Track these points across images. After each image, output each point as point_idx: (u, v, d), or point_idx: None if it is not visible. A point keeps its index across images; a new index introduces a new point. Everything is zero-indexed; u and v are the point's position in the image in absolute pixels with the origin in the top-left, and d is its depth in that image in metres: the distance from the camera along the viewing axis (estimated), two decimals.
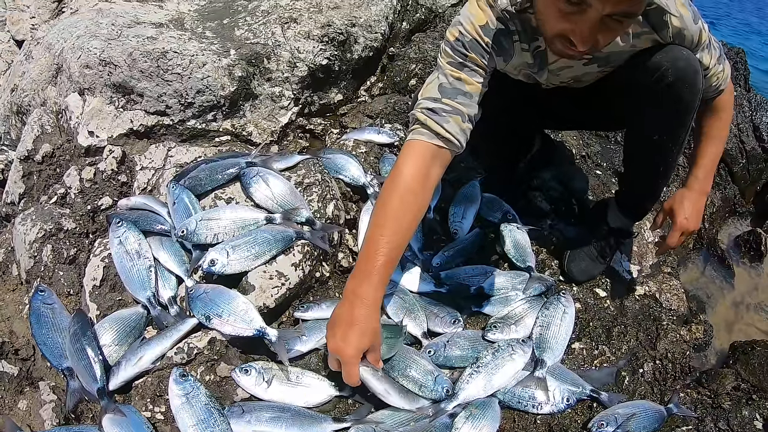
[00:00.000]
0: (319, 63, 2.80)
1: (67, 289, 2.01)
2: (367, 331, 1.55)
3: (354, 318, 1.53)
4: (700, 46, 1.69)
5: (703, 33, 1.67)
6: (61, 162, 2.51)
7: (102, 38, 2.54)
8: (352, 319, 1.53)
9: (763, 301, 2.98)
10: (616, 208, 2.22)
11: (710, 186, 2.14)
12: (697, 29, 1.65)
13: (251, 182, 2.03)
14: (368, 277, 1.56)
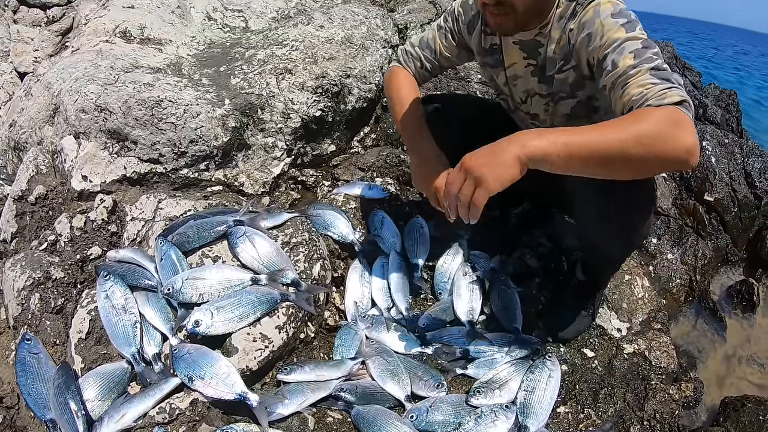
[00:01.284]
0: (313, 114, 2.82)
1: (53, 339, 2.01)
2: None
3: (439, 163, 1.87)
4: (616, 41, 1.54)
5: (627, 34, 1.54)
6: (53, 205, 2.51)
7: (99, 82, 2.56)
8: (437, 166, 1.86)
9: (755, 353, 2.97)
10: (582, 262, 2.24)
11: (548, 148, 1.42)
12: (615, 24, 1.56)
13: (238, 242, 2.04)
14: (422, 138, 1.98)
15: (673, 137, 1.31)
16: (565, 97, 1.86)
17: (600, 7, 1.60)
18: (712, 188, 3.47)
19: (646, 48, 1.49)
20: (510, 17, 1.67)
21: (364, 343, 1.99)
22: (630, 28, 1.53)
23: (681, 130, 1.32)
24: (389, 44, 3.35)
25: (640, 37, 1.52)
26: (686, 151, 1.31)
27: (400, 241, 2.39)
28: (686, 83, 4.33)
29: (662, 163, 1.37)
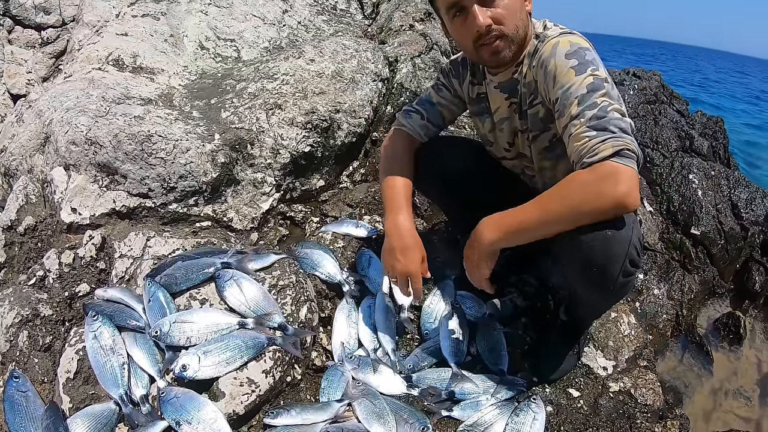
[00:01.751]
0: (302, 150, 2.85)
1: (41, 377, 2.01)
2: (418, 248, 2.01)
3: (405, 243, 1.99)
4: (565, 86, 1.62)
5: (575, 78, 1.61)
6: (42, 236, 2.51)
7: (90, 114, 2.58)
8: (404, 245, 1.99)
9: (742, 386, 2.99)
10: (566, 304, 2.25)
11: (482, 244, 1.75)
12: (566, 67, 1.63)
13: (225, 286, 2.06)
14: (400, 210, 2.05)
15: (598, 195, 1.48)
16: (541, 131, 1.92)
17: (557, 47, 1.68)
18: (699, 222, 3.50)
19: (593, 92, 1.56)
20: (504, 42, 1.76)
21: (350, 385, 2.00)
22: (580, 70, 1.60)
23: (608, 184, 1.46)
24: (379, 77, 3.38)
25: (589, 80, 1.58)
26: (615, 203, 1.47)
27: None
28: (672, 113, 4.37)
29: (596, 217, 1.53)
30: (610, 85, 1.61)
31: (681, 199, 3.62)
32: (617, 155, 1.46)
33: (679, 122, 4.30)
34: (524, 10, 1.78)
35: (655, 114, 4.30)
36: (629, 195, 1.46)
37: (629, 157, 1.47)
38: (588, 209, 1.50)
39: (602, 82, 1.58)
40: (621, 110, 1.56)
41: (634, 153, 1.49)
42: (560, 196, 1.55)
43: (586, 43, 1.69)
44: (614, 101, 1.56)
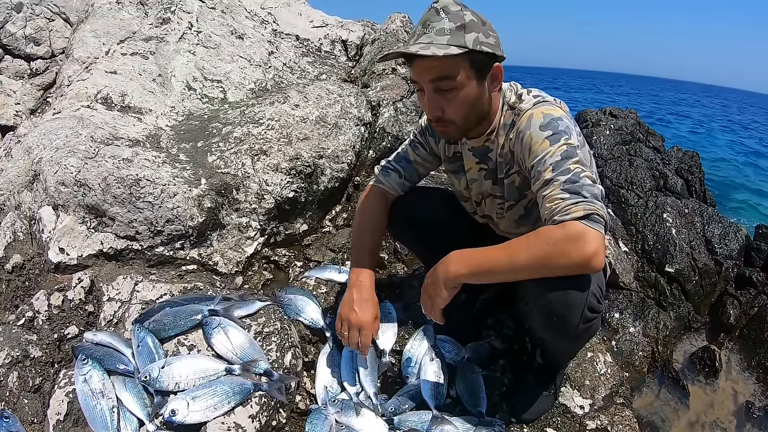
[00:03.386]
0: (286, 195, 2.91)
1: (31, 418, 2.02)
2: (374, 304, 2.12)
3: (363, 297, 2.11)
4: (540, 155, 1.69)
5: (550, 147, 1.67)
6: (30, 275, 2.54)
7: (79, 155, 2.63)
8: (362, 298, 2.10)
9: (718, 418, 3.04)
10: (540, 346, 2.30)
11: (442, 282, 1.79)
12: (541, 137, 1.70)
13: (213, 333, 2.11)
14: (363, 268, 2.17)
15: (565, 253, 1.54)
16: (517, 200, 2.02)
17: (532, 119, 1.75)
18: (673, 259, 3.59)
19: (566, 159, 1.63)
20: (452, 128, 1.85)
21: (334, 428, 2.04)
22: (555, 140, 1.68)
23: (576, 243, 1.52)
24: (362, 122, 3.46)
25: (562, 148, 1.65)
26: (581, 262, 1.53)
27: None
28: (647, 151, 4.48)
29: (561, 273, 1.59)
30: (583, 151, 1.69)
31: (655, 238, 3.72)
32: (587, 218, 1.53)
33: (654, 161, 4.41)
34: (483, 98, 1.82)
35: (630, 154, 4.41)
36: (595, 257, 1.52)
37: (598, 222, 1.54)
38: (554, 264, 1.56)
39: (575, 150, 1.65)
40: (592, 177, 1.62)
41: (603, 219, 1.55)
42: (529, 246, 1.60)
43: (558, 112, 1.76)
44: (586, 168, 1.64)
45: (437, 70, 1.72)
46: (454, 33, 1.68)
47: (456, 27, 1.68)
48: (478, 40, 1.69)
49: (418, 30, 1.74)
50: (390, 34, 4.97)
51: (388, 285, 2.81)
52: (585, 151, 1.72)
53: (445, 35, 1.67)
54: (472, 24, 1.70)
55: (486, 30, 1.72)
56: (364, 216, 2.30)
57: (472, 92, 1.77)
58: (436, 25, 1.69)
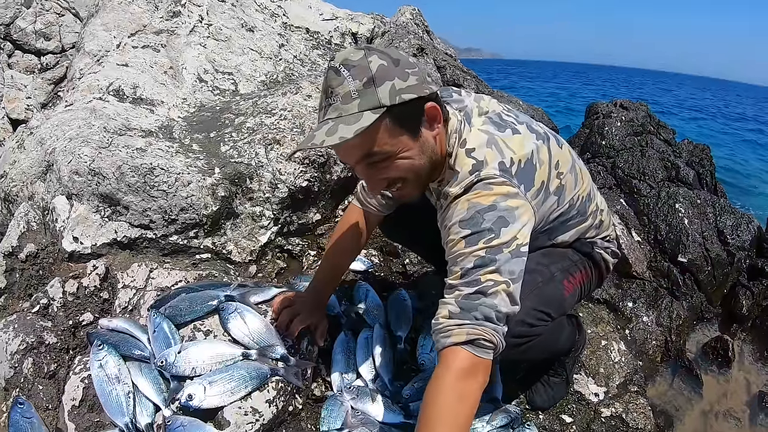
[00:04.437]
0: (300, 185, 2.90)
1: (45, 404, 2.02)
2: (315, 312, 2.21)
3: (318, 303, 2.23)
4: (454, 255, 1.52)
5: (464, 249, 1.49)
6: (44, 264, 2.53)
7: (93, 145, 2.63)
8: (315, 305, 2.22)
9: (731, 408, 3.05)
10: None
11: None
12: (458, 234, 1.51)
13: (229, 318, 2.12)
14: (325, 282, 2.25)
15: (463, 400, 1.43)
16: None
17: (455, 210, 1.56)
18: (686, 249, 3.59)
19: (479, 267, 1.45)
20: (408, 187, 1.62)
21: (349, 414, 2.05)
22: (471, 242, 1.48)
23: (468, 383, 1.44)
24: None
25: (479, 253, 1.46)
26: (476, 394, 1.46)
27: (384, 313, 2.46)
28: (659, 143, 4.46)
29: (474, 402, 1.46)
30: (511, 254, 1.48)
31: (668, 228, 3.71)
32: (471, 344, 1.43)
33: (665, 152, 4.39)
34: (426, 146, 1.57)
35: (641, 145, 4.40)
36: (472, 387, 1.45)
37: (483, 347, 1.44)
38: (463, 415, 1.43)
39: (495, 254, 1.46)
40: (507, 290, 1.46)
41: (491, 343, 1.44)
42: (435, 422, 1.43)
43: (490, 199, 1.52)
44: (503, 277, 1.46)
45: (358, 150, 1.49)
46: (363, 93, 1.41)
47: (364, 84, 1.41)
48: (394, 90, 1.42)
49: (322, 101, 1.49)
50: (400, 26, 4.98)
51: (402, 273, 2.82)
52: (518, 251, 1.51)
53: (353, 100, 1.41)
54: (383, 71, 1.42)
55: (401, 70, 1.45)
56: (341, 239, 2.23)
57: (409, 152, 1.53)
58: (339, 91, 1.42)
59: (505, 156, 1.58)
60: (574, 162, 1.85)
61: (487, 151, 1.58)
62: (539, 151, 1.66)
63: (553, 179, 1.70)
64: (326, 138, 1.41)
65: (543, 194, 1.66)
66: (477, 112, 1.72)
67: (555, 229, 1.89)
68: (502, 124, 1.67)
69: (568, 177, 1.77)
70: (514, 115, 1.77)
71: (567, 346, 2.23)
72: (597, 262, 2.05)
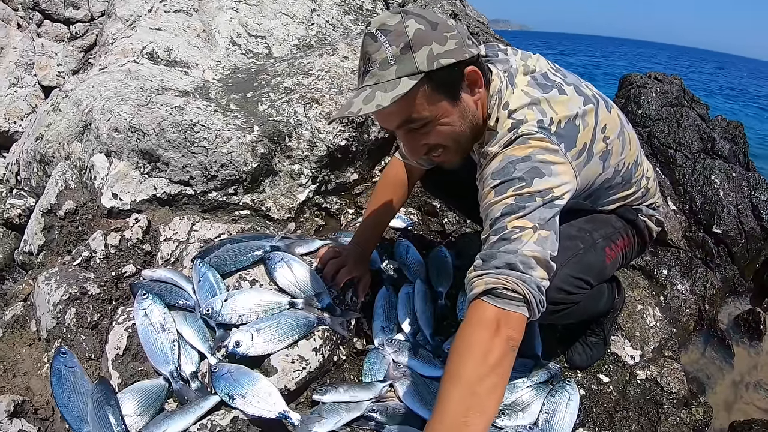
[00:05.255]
0: (338, 144, 2.90)
1: (88, 354, 2.04)
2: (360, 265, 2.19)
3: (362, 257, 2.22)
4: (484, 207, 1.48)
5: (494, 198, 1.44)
6: (83, 220, 2.55)
7: (132, 103, 2.64)
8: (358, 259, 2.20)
9: (762, 380, 3.04)
10: None
11: None
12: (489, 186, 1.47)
13: (276, 267, 2.13)
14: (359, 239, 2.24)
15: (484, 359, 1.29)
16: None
17: (490, 164, 1.52)
18: (720, 221, 3.56)
19: (507, 215, 1.39)
20: (449, 153, 1.61)
21: (391, 367, 2.06)
22: (500, 192, 1.43)
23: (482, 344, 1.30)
24: None
25: (507, 201, 1.40)
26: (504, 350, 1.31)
27: (425, 269, 2.46)
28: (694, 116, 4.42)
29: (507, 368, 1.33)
30: (543, 202, 1.41)
31: (703, 199, 3.68)
32: (490, 294, 1.33)
33: (700, 125, 4.35)
34: (467, 112, 1.54)
35: (678, 116, 4.35)
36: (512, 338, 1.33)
37: (506, 298, 1.32)
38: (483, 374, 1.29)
39: (525, 202, 1.39)
40: (535, 234, 1.37)
41: (516, 293, 1.32)
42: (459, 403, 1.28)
43: (526, 150, 1.48)
44: (531, 222, 1.38)
45: (396, 117, 1.47)
46: (400, 59, 1.38)
47: (401, 50, 1.38)
48: (432, 55, 1.39)
49: (361, 67, 1.48)
50: None
51: (440, 233, 2.81)
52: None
53: (390, 66, 1.38)
54: (420, 36, 1.39)
55: (440, 34, 1.42)
56: (383, 192, 2.22)
57: (449, 117, 1.51)
58: (377, 57, 1.40)
59: (546, 116, 1.54)
60: (623, 127, 1.78)
61: (528, 112, 1.54)
62: (585, 114, 1.61)
63: (598, 143, 1.65)
64: (363, 106, 1.39)
65: (585, 156, 1.60)
66: (522, 71, 1.65)
67: (599, 194, 1.85)
68: (547, 85, 1.62)
69: (615, 142, 1.71)
70: (562, 75, 1.71)
71: (606, 309, 2.22)
72: (641, 229, 2.02)
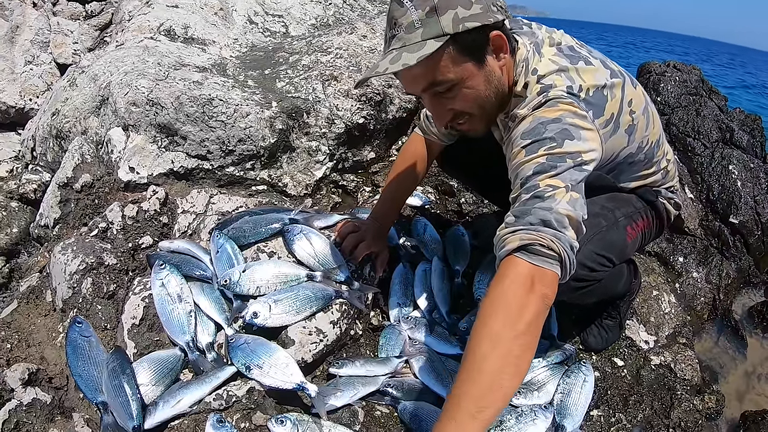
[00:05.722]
0: (356, 121, 2.89)
1: (104, 324, 2.04)
2: (378, 240, 2.20)
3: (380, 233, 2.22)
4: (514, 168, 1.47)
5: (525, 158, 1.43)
6: (99, 194, 2.56)
7: (150, 78, 2.64)
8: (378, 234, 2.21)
9: None
10: None
11: None
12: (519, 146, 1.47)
13: (294, 239, 2.12)
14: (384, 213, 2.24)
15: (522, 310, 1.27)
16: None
17: (519, 127, 1.52)
18: (737, 211, 3.53)
19: (539, 173, 1.38)
20: (474, 121, 1.63)
21: (407, 344, 2.06)
22: (531, 151, 1.43)
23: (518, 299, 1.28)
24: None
25: (539, 160, 1.40)
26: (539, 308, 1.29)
27: (442, 247, 2.46)
28: (712, 106, 4.37)
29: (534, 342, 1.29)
30: (573, 163, 1.40)
31: (720, 188, 3.64)
32: (524, 250, 1.31)
33: (719, 116, 4.30)
34: (492, 77, 1.55)
35: (696, 105, 4.31)
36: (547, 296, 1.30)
37: (541, 255, 1.30)
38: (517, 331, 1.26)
39: (557, 161, 1.39)
40: (568, 194, 1.36)
41: (551, 251, 1.31)
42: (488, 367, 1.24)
43: (556, 113, 1.48)
44: (564, 182, 1.37)
45: (422, 79, 1.49)
46: (425, 22, 1.40)
47: (426, 13, 1.39)
48: (458, 19, 1.40)
49: (387, 33, 1.50)
50: None
51: (458, 212, 2.81)
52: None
53: (416, 30, 1.40)
54: (445, 0, 1.40)
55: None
56: (403, 168, 2.22)
57: (475, 80, 1.51)
58: (403, 21, 1.42)
59: (575, 82, 1.54)
60: (648, 104, 1.79)
61: (556, 78, 1.55)
62: (613, 86, 1.61)
63: (625, 115, 1.65)
64: (390, 65, 1.42)
65: (612, 126, 1.61)
66: (548, 43, 1.66)
67: (621, 169, 1.85)
68: (574, 55, 1.62)
69: (640, 117, 1.72)
70: (588, 49, 1.72)
71: (624, 290, 2.22)
72: (660, 212, 2.03)
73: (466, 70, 1.48)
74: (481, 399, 1.22)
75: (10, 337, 2.07)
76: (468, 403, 1.22)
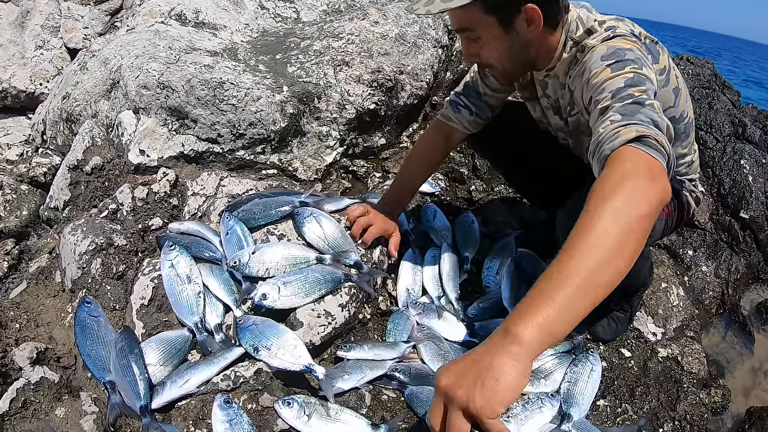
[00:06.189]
0: (367, 107, 2.89)
1: (112, 304, 2.05)
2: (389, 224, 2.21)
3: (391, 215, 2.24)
4: (599, 84, 1.46)
5: (611, 74, 1.44)
6: (110, 176, 2.56)
7: (161, 61, 2.64)
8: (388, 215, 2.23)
9: None
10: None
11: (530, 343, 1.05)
12: (601, 67, 1.49)
13: (304, 222, 2.12)
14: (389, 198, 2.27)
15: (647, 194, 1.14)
16: (585, 133, 1.85)
17: (594, 51, 1.56)
18: (748, 206, 3.51)
19: (631, 86, 1.37)
20: (495, 71, 1.79)
21: (415, 329, 2.06)
22: (617, 68, 1.44)
23: (641, 183, 1.15)
24: (439, 44, 3.41)
25: (628, 75, 1.41)
26: (658, 203, 1.15)
27: (451, 233, 2.46)
28: (725, 100, 4.35)
29: (643, 239, 1.14)
30: (654, 85, 1.42)
31: (732, 183, 3.62)
32: (638, 141, 1.22)
33: (731, 110, 4.28)
34: (518, 45, 1.65)
35: (709, 99, 4.29)
36: (662, 192, 1.17)
37: (653, 148, 1.21)
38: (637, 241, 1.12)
39: (644, 79, 1.40)
40: (661, 108, 1.36)
41: (661, 147, 1.22)
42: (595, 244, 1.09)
43: (629, 44, 1.53)
44: (654, 100, 1.36)
45: (455, 22, 1.67)
46: None
47: None
48: None
49: None
50: None
51: (468, 200, 2.80)
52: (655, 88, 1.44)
53: None
54: None
55: None
56: (419, 154, 2.29)
57: (499, 42, 1.64)
58: None
59: (635, 29, 1.66)
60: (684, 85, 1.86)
61: (618, 23, 1.66)
62: (661, 47, 1.73)
63: (673, 75, 1.75)
64: (422, 6, 1.56)
65: (665, 78, 1.70)
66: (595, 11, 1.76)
67: None
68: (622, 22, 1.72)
69: (683, 87, 1.80)
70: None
71: (643, 281, 2.25)
72: (682, 203, 2.03)
73: (492, 31, 1.61)
74: (596, 275, 1.08)
75: (19, 317, 2.07)
76: (584, 277, 1.07)
